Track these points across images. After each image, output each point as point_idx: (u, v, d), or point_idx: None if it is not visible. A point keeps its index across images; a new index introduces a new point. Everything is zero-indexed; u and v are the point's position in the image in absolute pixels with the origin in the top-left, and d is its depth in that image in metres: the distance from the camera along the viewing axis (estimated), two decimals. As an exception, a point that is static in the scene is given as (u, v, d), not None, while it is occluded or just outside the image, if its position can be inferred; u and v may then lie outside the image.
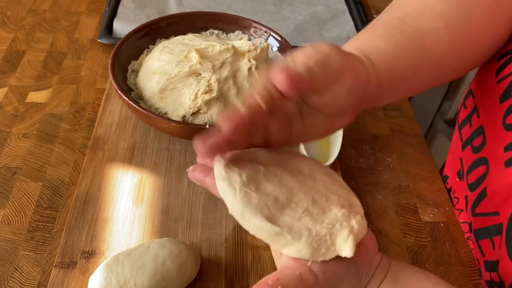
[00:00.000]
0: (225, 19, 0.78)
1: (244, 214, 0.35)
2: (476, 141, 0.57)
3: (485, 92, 0.56)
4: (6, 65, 0.80)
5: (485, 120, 0.56)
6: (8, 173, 0.64)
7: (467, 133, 0.60)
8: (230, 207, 0.36)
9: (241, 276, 0.55)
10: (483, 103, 0.57)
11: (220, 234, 0.58)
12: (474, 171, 0.57)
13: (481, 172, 0.55)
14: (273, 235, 0.34)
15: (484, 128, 0.56)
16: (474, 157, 0.57)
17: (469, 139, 0.59)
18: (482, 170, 0.55)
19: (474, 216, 0.57)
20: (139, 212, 0.59)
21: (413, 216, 0.64)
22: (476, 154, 0.57)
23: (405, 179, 0.69)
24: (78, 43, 0.86)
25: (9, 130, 0.69)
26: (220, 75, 0.64)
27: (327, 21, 0.94)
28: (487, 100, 0.56)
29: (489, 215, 0.53)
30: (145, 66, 0.68)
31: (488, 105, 0.55)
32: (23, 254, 0.56)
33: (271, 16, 0.94)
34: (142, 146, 0.67)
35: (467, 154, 0.59)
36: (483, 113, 0.57)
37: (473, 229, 0.57)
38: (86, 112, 0.73)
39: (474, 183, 0.57)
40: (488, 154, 0.54)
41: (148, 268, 0.49)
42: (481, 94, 0.58)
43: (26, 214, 0.59)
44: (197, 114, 0.63)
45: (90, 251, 0.55)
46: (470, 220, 0.58)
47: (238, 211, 0.35)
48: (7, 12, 0.92)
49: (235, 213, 0.35)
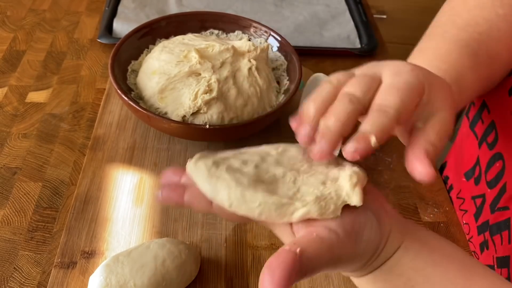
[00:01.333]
0: (225, 19, 0.78)
1: (244, 196, 0.34)
2: (490, 137, 0.57)
3: (494, 87, 0.57)
4: (6, 65, 0.80)
5: (495, 114, 0.56)
6: (8, 173, 0.64)
7: (480, 130, 0.60)
8: (227, 197, 0.34)
9: (241, 276, 0.54)
10: (492, 98, 0.57)
11: (220, 234, 0.58)
12: (492, 167, 0.56)
13: (498, 168, 0.55)
14: (280, 206, 0.33)
15: (495, 122, 0.55)
16: (490, 154, 0.56)
17: (484, 135, 0.58)
18: (499, 166, 0.54)
19: (492, 213, 0.56)
20: (139, 212, 0.59)
21: (413, 216, 0.64)
22: (491, 151, 0.56)
23: (405, 179, 0.69)
24: (78, 43, 0.86)
25: (9, 130, 0.69)
26: (220, 75, 0.64)
27: (327, 21, 0.94)
28: (496, 94, 0.56)
29: (500, 210, 0.53)
30: (145, 66, 0.68)
31: (497, 100, 0.55)
32: (23, 254, 0.56)
33: (271, 16, 0.94)
34: (142, 146, 0.67)
35: (484, 151, 0.58)
36: (493, 108, 0.57)
37: (489, 224, 0.57)
38: (86, 112, 0.73)
39: (493, 180, 0.56)
40: (502, 149, 0.54)
41: (148, 268, 0.49)
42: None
43: (26, 214, 0.59)
44: (197, 114, 0.63)
45: (90, 251, 0.55)
46: (486, 219, 0.57)
47: (237, 195, 0.34)
48: (7, 12, 0.92)
49: (234, 199, 0.34)
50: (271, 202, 0.33)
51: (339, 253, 0.32)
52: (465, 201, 0.64)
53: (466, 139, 0.64)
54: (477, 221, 0.60)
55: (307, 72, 0.79)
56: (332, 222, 0.33)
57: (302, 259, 0.30)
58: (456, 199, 0.67)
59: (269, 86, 0.69)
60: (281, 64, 0.74)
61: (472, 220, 0.62)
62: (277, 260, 0.29)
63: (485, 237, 0.58)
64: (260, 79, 0.67)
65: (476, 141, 0.61)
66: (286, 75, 0.73)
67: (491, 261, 0.56)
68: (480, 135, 0.60)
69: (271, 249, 0.57)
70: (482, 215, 0.59)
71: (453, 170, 0.69)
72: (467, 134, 0.64)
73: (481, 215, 0.59)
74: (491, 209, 0.56)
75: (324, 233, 0.32)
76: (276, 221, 0.34)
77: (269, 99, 0.68)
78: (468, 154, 0.63)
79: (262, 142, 0.74)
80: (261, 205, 0.34)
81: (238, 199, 0.34)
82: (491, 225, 0.56)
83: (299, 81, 0.67)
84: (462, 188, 0.65)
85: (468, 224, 0.63)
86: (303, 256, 0.30)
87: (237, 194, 0.34)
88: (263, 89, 0.67)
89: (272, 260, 0.29)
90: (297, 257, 0.29)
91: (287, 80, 0.72)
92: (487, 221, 0.57)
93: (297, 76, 0.68)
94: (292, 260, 0.29)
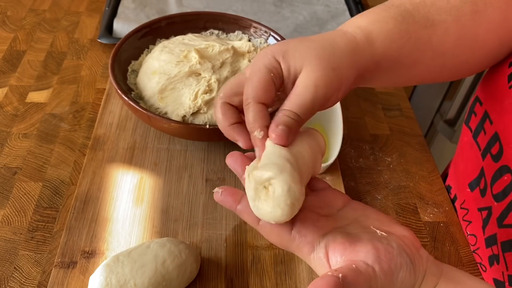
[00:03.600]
0: (225, 19, 0.78)
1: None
2: (494, 149, 0.56)
3: (496, 98, 0.55)
4: (6, 65, 0.80)
5: (499, 126, 0.55)
6: (8, 173, 0.64)
7: (484, 142, 0.58)
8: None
9: (241, 276, 0.55)
10: (495, 109, 0.56)
11: (220, 234, 0.58)
12: (498, 180, 0.55)
13: (506, 182, 0.53)
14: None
15: (499, 134, 0.54)
16: (496, 166, 0.55)
17: (487, 146, 0.57)
18: (507, 180, 0.53)
19: (500, 228, 0.55)
20: (139, 212, 0.59)
21: (413, 216, 0.64)
22: (496, 163, 0.55)
23: (405, 179, 0.69)
24: (78, 43, 0.86)
25: (9, 130, 0.69)
26: (220, 75, 0.64)
27: (327, 21, 0.94)
28: (499, 106, 0.55)
29: (511, 226, 0.53)
30: (145, 66, 0.68)
31: (500, 111, 0.54)
32: (23, 254, 0.56)
33: (271, 16, 0.94)
34: (142, 146, 0.67)
35: (488, 163, 0.57)
36: (495, 120, 0.55)
37: (499, 241, 0.56)
38: (86, 112, 0.73)
39: (500, 194, 0.55)
40: (509, 162, 0.53)
41: (148, 268, 0.49)
42: (491, 100, 0.57)
43: (26, 214, 0.59)
44: (197, 114, 0.63)
45: (90, 251, 0.55)
46: (494, 232, 0.56)
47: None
48: (7, 12, 0.92)
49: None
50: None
51: (375, 287, 0.35)
52: (469, 211, 0.63)
53: (469, 149, 0.62)
54: (485, 234, 0.59)
55: (307, 72, 0.79)
56: (370, 258, 0.36)
57: (344, 284, 0.33)
58: (460, 209, 0.66)
59: (269, 86, 0.69)
60: (281, 64, 0.74)
61: (479, 232, 0.60)
62: (321, 281, 0.32)
63: (493, 251, 0.57)
64: (260, 79, 0.67)
65: (479, 152, 0.60)
66: (286, 75, 0.73)
67: (501, 276, 0.55)
68: (484, 146, 0.58)
69: (271, 249, 0.57)
70: (489, 228, 0.58)
71: (455, 180, 0.68)
72: (470, 144, 0.62)
73: (487, 228, 0.58)
74: (498, 223, 0.55)
75: (363, 267, 0.35)
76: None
77: (269, 99, 0.68)
78: (472, 165, 0.62)
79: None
80: None
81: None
82: (503, 242, 0.54)
83: (299, 81, 0.67)
84: (466, 199, 0.64)
85: (475, 235, 0.61)
86: (344, 281, 0.33)
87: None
88: (263, 89, 0.67)
89: (318, 281, 0.33)
90: (339, 281, 0.32)
91: (287, 80, 0.72)
92: (494, 234, 0.56)
93: (297, 76, 0.68)
94: (335, 283, 0.32)
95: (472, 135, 0.62)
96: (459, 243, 0.62)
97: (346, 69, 0.42)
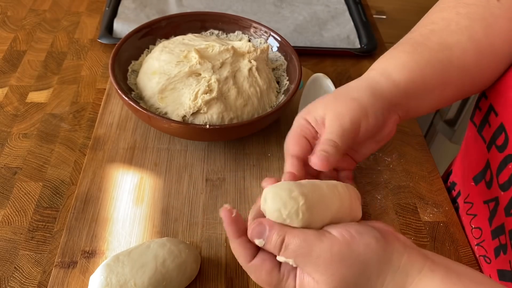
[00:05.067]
0: (225, 19, 0.78)
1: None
2: (499, 139, 0.57)
3: (500, 90, 0.56)
4: (7, 65, 0.80)
5: (504, 117, 0.56)
6: (8, 173, 0.64)
7: (488, 134, 0.60)
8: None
9: (241, 276, 0.55)
10: (499, 102, 0.57)
11: (220, 234, 0.58)
12: (504, 170, 0.56)
13: (511, 170, 0.54)
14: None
15: (505, 125, 0.55)
16: (501, 156, 0.56)
17: (492, 139, 0.58)
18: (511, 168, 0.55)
19: (508, 217, 0.56)
20: (139, 212, 0.60)
21: (413, 216, 0.64)
22: (502, 153, 0.56)
23: (404, 179, 0.69)
24: (78, 43, 0.86)
25: (9, 130, 0.70)
26: (220, 75, 0.64)
27: (327, 21, 0.94)
28: (503, 98, 0.55)
29: None
30: (145, 66, 0.68)
31: (505, 103, 0.55)
32: (24, 254, 0.56)
33: (271, 16, 0.94)
34: (142, 146, 0.67)
35: (494, 154, 0.58)
36: (501, 111, 0.57)
37: (507, 229, 0.56)
38: (86, 112, 0.73)
39: (506, 183, 0.56)
40: None
41: (148, 267, 0.49)
42: (496, 93, 0.58)
43: (27, 214, 0.60)
44: (197, 114, 0.63)
45: (90, 251, 0.55)
46: (501, 222, 0.57)
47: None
48: (7, 12, 0.92)
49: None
50: None
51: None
52: (474, 205, 0.63)
53: (474, 144, 0.63)
54: (491, 225, 0.60)
55: (307, 72, 0.79)
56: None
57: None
58: (463, 204, 0.66)
59: (269, 86, 0.69)
60: (281, 64, 0.74)
61: (485, 225, 0.60)
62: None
63: (500, 241, 0.57)
64: (260, 79, 0.67)
65: (484, 145, 0.60)
66: (286, 75, 0.73)
67: (507, 266, 0.56)
68: (489, 139, 0.59)
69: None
70: (496, 219, 0.58)
71: (460, 176, 0.68)
72: (475, 139, 0.63)
73: (495, 219, 0.59)
74: (505, 212, 0.56)
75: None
76: None
77: (269, 99, 0.68)
78: (477, 159, 0.63)
79: (262, 142, 0.75)
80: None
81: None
82: (511, 230, 0.55)
83: (299, 81, 0.67)
84: (471, 193, 0.65)
85: (481, 228, 0.61)
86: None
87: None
88: (263, 89, 0.67)
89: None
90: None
91: (287, 80, 0.72)
92: (502, 224, 0.57)
93: (297, 76, 0.68)
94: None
95: (477, 129, 0.63)
96: (458, 243, 0.62)
97: (366, 97, 0.47)
